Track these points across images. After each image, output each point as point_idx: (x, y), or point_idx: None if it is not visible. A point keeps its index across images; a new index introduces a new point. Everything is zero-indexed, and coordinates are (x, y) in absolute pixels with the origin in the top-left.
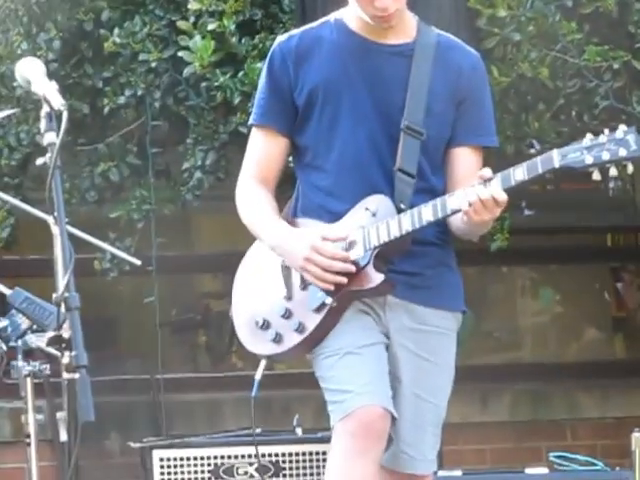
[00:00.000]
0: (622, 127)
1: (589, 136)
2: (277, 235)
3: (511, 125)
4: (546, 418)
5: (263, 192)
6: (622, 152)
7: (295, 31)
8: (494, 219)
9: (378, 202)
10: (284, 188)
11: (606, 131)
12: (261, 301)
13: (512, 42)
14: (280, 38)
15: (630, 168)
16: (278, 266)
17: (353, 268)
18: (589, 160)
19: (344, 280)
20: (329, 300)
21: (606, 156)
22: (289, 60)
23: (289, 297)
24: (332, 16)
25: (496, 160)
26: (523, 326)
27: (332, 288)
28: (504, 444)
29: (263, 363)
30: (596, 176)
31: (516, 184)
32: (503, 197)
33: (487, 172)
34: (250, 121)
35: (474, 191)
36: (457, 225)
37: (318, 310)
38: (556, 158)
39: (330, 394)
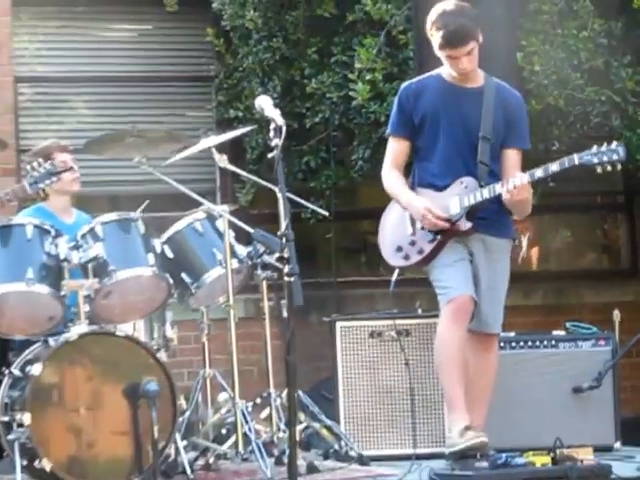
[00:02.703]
0: (615, 142)
1: (595, 146)
2: (408, 199)
3: (542, 133)
4: (564, 303)
5: (397, 174)
6: (614, 157)
7: (413, 80)
8: (527, 203)
9: (468, 180)
10: None
11: (605, 143)
12: (397, 235)
13: (543, 85)
14: (405, 83)
15: (618, 166)
16: (407, 216)
17: (448, 225)
18: (595, 160)
19: (446, 226)
20: (438, 236)
21: (604, 159)
22: (410, 96)
23: (413, 233)
24: (434, 71)
25: (534, 153)
26: (550, 249)
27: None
28: (539, 318)
29: (397, 271)
30: (599, 170)
31: (552, 173)
32: (525, 182)
33: (538, 171)
34: (387, 132)
35: (522, 175)
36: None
37: (431, 242)
38: (576, 158)
39: (439, 289)
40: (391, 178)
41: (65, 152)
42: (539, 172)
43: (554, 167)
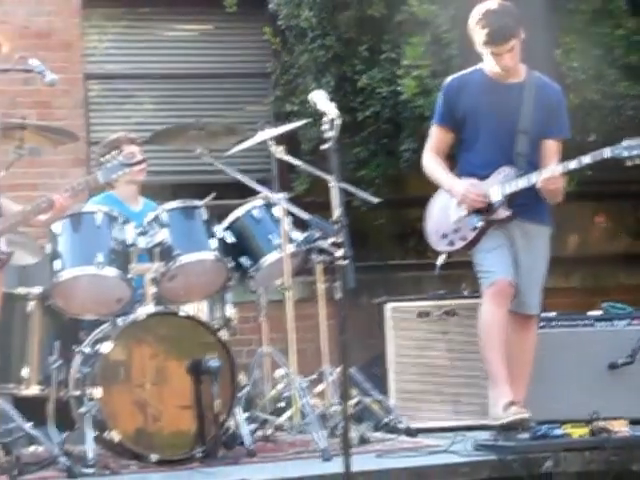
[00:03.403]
0: None
1: (626, 140)
2: (449, 182)
3: (579, 125)
4: (601, 284)
5: (437, 157)
6: None
7: (457, 74)
8: (558, 193)
9: (508, 170)
10: None
11: (636, 138)
12: (442, 223)
13: (580, 80)
14: (448, 78)
15: None
16: (452, 205)
17: (485, 204)
18: (625, 154)
19: (484, 205)
20: (480, 224)
21: (634, 152)
22: (454, 90)
23: (457, 221)
24: (477, 66)
25: (571, 144)
26: (587, 235)
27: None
28: (577, 299)
29: (442, 256)
30: (629, 163)
31: (585, 164)
32: (557, 174)
33: (572, 163)
34: (432, 122)
35: (556, 167)
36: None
37: (474, 229)
38: (607, 152)
39: (481, 273)
40: (431, 161)
41: (133, 144)
42: (572, 164)
43: (586, 159)
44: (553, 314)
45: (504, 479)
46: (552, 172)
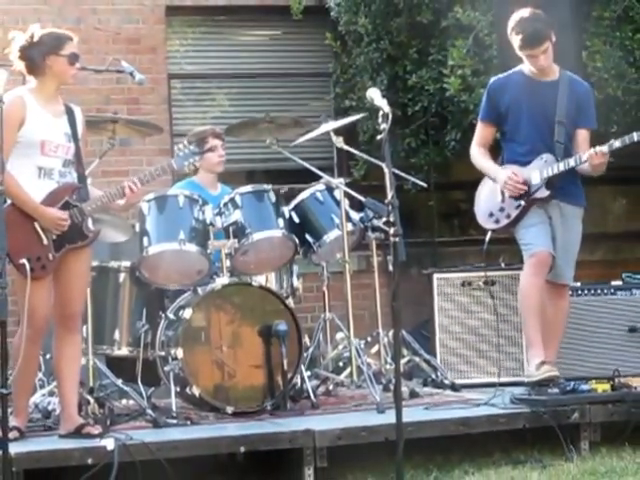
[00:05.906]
0: None
1: None
2: (494, 171)
3: (603, 118)
4: (621, 258)
5: (483, 150)
6: None
7: (500, 75)
8: (603, 165)
9: (548, 156)
10: None
11: None
12: (489, 204)
13: (604, 79)
14: (493, 78)
15: None
16: (498, 188)
17: (526, 188)
18: None
19: (525, 188)
20: (522, 203)
21: None
22: (497, 89)
23: (503, 201)
24: (517, 68)
25: (596, 135)
26: (609, 213)
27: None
28: (600, 271)
29: (489, 234)
30: None
31: (615, 148)
32: (606, 151)
33: (602, 147)
34: (478, 117)
35: (594, 149)
36: (583, 169)
37: (517, 207)
38: (636, 136)
39: (523, 246)
40: (478, 154)
41: (217, 138)
42: (605, 147)
43: (617, 143)
44: (579, 284)
45: (537, 429)
46: (594, 150)
